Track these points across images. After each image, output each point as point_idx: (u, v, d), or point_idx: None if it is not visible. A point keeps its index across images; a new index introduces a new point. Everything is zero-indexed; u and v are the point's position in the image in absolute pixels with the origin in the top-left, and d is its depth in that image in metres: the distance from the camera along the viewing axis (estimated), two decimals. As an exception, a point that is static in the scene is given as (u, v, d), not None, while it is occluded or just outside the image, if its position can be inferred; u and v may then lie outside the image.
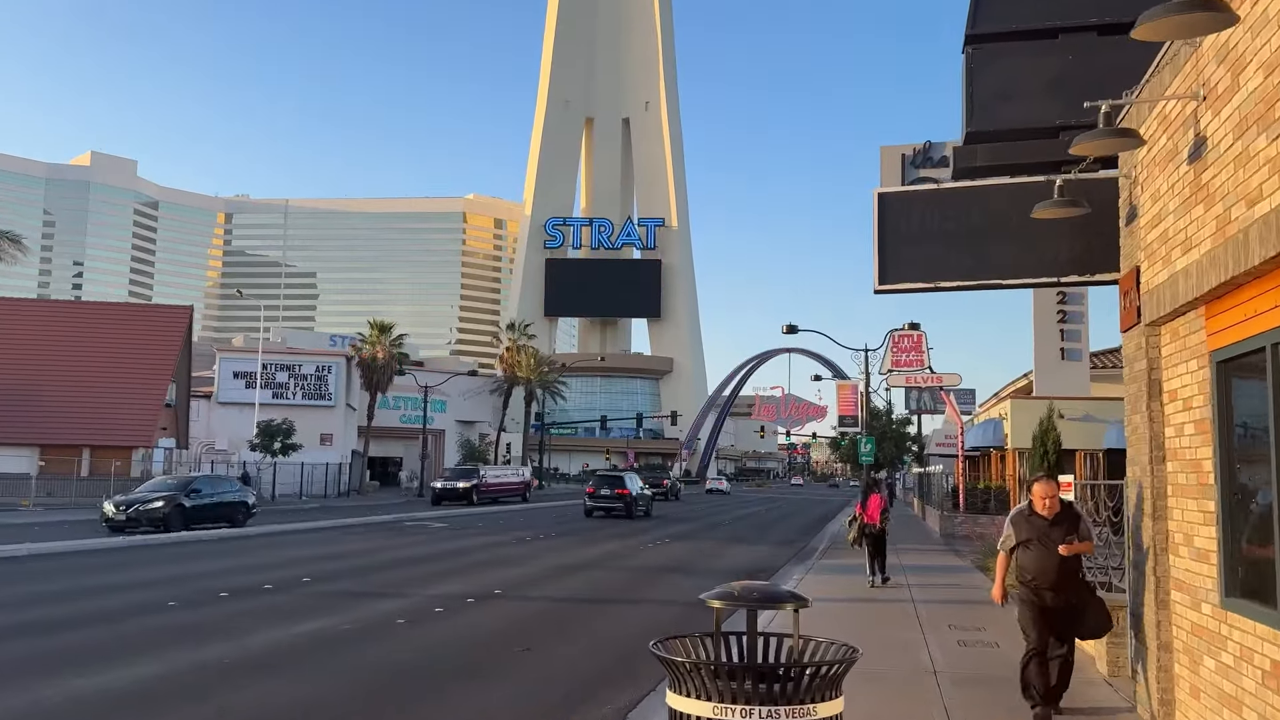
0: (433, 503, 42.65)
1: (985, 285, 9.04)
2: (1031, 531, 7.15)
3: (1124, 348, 7.58)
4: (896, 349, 34.44)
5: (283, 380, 55.88)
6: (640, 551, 22.41)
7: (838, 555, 21.81)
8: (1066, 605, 7.14)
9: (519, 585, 15.28)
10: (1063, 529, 7.09)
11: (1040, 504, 7.17)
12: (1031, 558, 7.17)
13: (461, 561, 18.97)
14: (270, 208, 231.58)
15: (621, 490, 36.88)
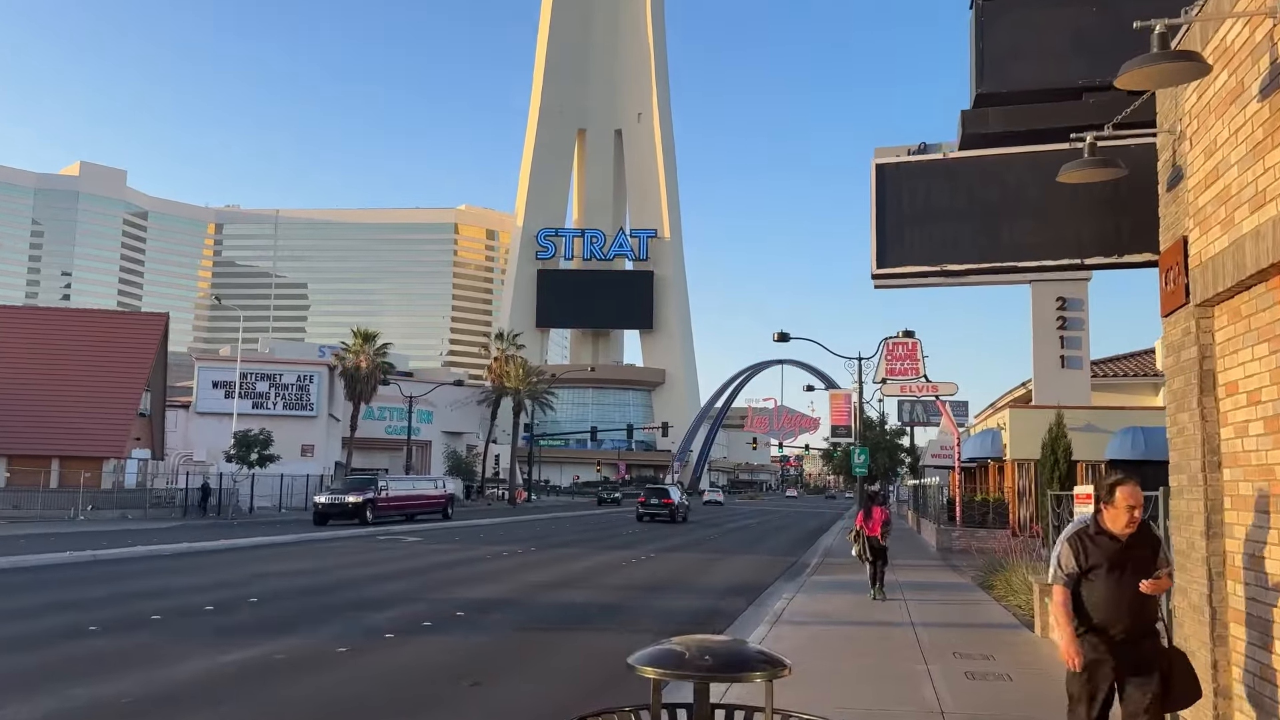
0: (315, 522, 36.16)
1: (998, 269, 7.93)
2: (1101, 557, 5.02)
3: (1166, 335, 6.47)
4: (891, 357, 33.37)
5: (263, 390, 54.60)
6: (624, 567, 21.21)
7: (831, 570, 20.65)
8: (1143, 661, 4.98)
9: (485, 606, 14.07)
10: (1143, 555, 5.02)
11: (1123, 518, 4.99)
12: (1100, 594, 4.98)
13: (429, 579, 17.76)
14: (261, 218, 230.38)
15: (667, 500, 45.09)
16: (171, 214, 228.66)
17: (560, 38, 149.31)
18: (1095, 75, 7.71)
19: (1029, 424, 29.41)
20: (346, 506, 36.06)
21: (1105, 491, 5.13)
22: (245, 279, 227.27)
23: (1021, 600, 13.90)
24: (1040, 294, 30.39)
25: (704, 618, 13.50)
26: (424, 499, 41.40)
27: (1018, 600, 14.18)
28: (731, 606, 14.70)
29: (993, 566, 17.50)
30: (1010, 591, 14.79)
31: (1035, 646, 10.63)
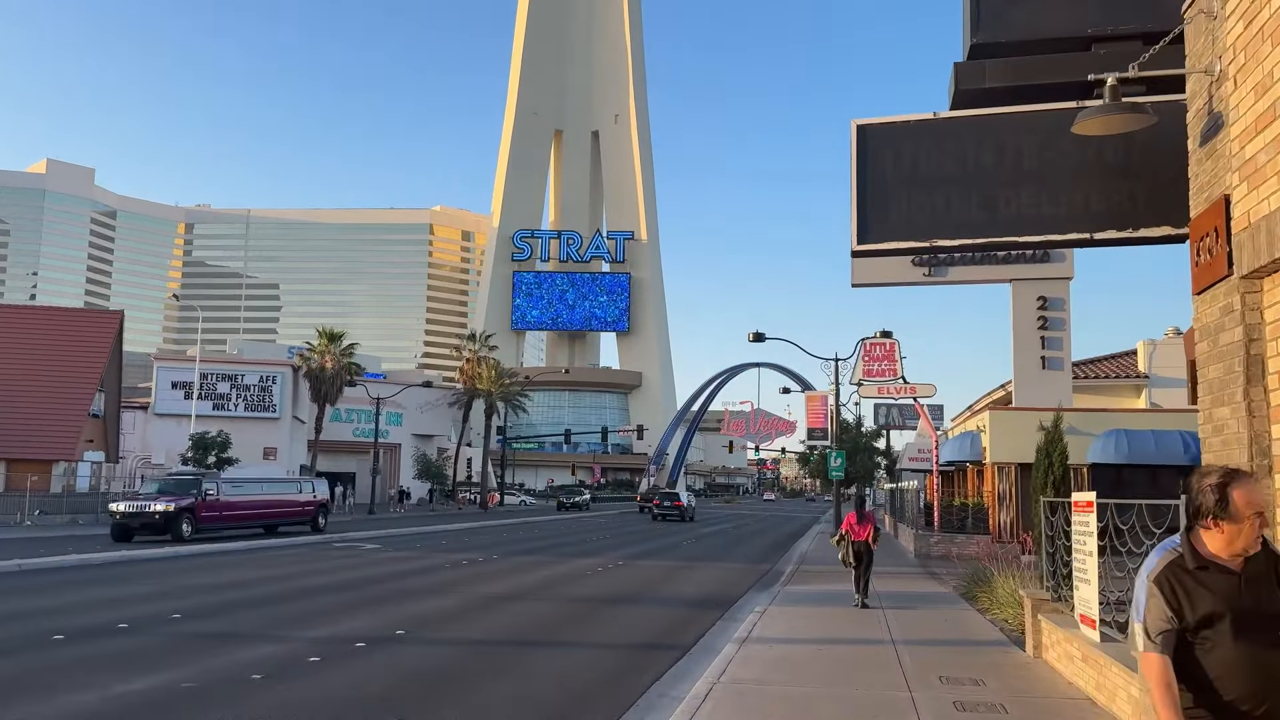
0: (114, 537, 27.38)
1: (995, 244, 6.94)
2: (1216, 602, 3.22)
3: (1200, 316, 5.49)
4: (868, 358, 32.51)
5: (224, 391, 53.01)
6: (588, 577, 20.12)
7: (807, 579, 19.66)
8: None
9: (430, 623, 12.95)
10: (1270, 588, 3.28)
11: (1245, 536, 3.23)
12: (1225, 659, 3.21)
13: (378, 590, 16.58)
14: (232, 218, 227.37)
15: (678, 503, 54.60)
16: (141, 213, 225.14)
17: (537, 39, 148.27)
18: (1107, 23, 6.75)
19: (1009, 426, 28.63)
20: (154, 517, 27.04)
21: (1209, 495, 3.25)
22: (216, 279, 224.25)
23: (1009, 614, 12.96)
24: (1021, 293, 29.65)
25: (667, 635, 12.45)
26: (277, 506, 31.90)
27: (1004, 614, 13.25)
28: (698, 622, 13.65)
29: (976, 576, 16.57)
30: (996, 604, 13.85)
31: (1028, 670, 9.65)
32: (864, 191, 7.02)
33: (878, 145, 7.06)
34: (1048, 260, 29.65)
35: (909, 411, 71.31)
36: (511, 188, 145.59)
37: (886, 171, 7.01)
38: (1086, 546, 8.54)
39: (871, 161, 7.04)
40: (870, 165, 7.03)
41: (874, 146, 7.06)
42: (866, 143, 7.05)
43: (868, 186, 7.02)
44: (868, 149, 7.05)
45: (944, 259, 30.23)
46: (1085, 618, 8.56)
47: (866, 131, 7.07)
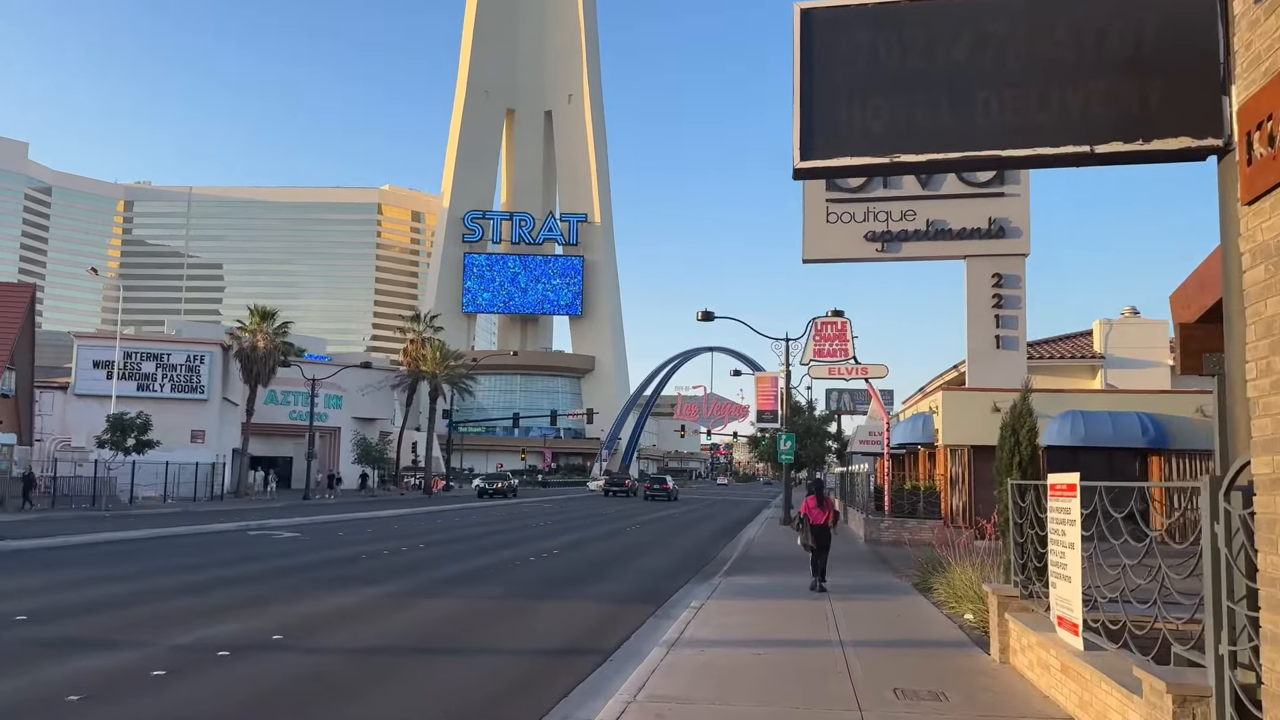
0: None
1: (972, 161, 5.53)
2: None
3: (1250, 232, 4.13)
4: (819, 337, 31.31)
5: (149, 371, 50.36)
6: (517, 567, 18.61)
7: (751, 568, 18.38)
8: None
9: (318, 625, 11.37)
10: None
11: None
12: None
13: (274, 586, 14.91)
14: (173, 195, 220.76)
15: (665, 486, 65.83)
16: (77, 189, 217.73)
17: (488, 16, 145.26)
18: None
19: (963, 407, 27.68)
20: None
21: None
22: (156, 258, 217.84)
23: (970, 609, 11.73)
24: (976, 270, 28.69)
25: (589, 637, 11.01)
26: None
27: (963, 609, 12.02)
28: (627, 620, 12.24)
29: (931, 565, 15.39)
30: (954, 597, 12.63)
31: (996, 680, 8.37)
32: (809, 94, 5.57)
33: (827, 36, 5.60)
34: (1003, 236, 28.70)
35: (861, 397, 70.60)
36: (462, 168, 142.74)
37: (837, 69, 5.56)
38: (1066, 537, 7.25)
39: (819, 56, 5.58)
40: (817, 61, 5.58)
41: (822, 37, 5.60)
42: (813, 32, 5.58)
43: (814, 87, 5.57)
44: (814, 40, 5.59)
45: (898, 234, 29.18)
46: (1065, 621, 7.27)
47: (813, 17, 5.61)
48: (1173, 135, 5.17)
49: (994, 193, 28.75)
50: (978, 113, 5.40)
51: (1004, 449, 10.01)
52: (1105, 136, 5.27)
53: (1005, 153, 5.41)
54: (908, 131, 5.46)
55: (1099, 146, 5.27)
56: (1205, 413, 26.33)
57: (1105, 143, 5.27)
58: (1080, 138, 5.31)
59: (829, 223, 29.69)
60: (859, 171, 5.72)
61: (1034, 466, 9.82)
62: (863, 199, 29.55)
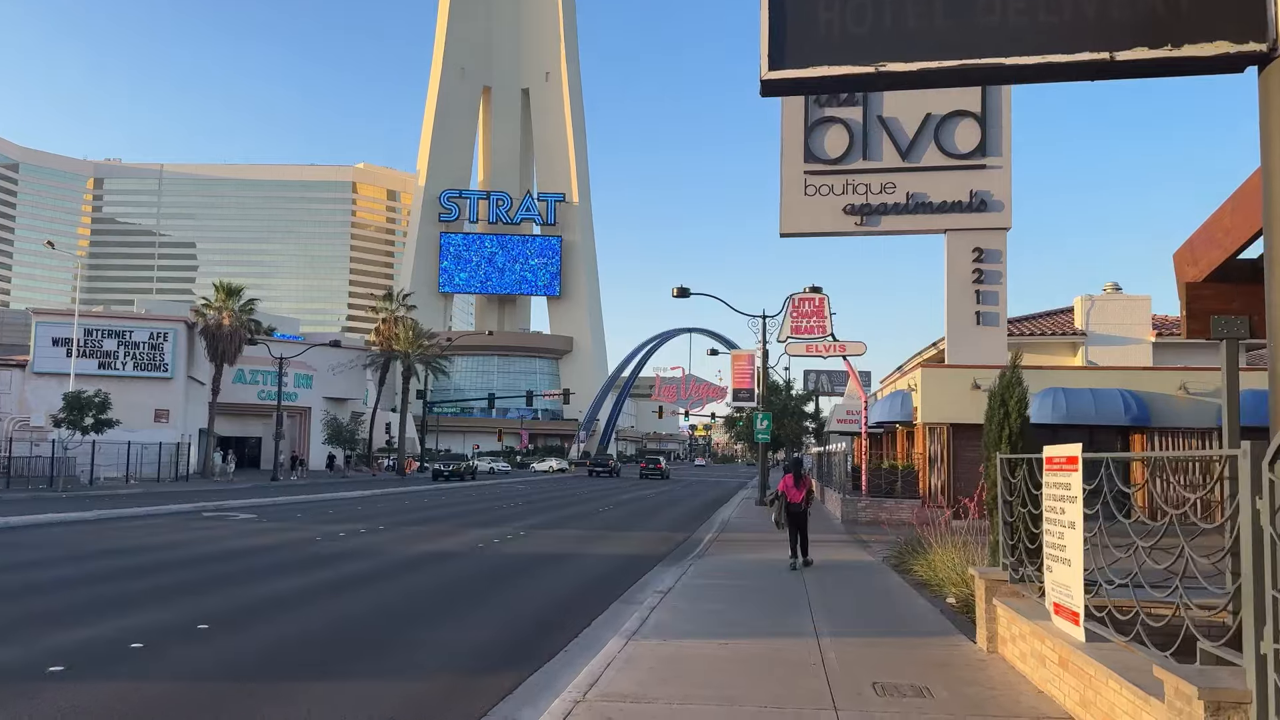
0: None
1: (970, 71, 4.69)
2: None
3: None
4: (796, 314, 30.54)
5: (110, 349, 48.93)
6: (479, 550, 17.78)
7: (725, 549, 17.65)
8: None
9: (248, 614, 10.47)
10: None
11: None
12: None
13: (216, 571, 14.00)
14: (144, 173, 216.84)
15: (659, 465, 72.70)
16: (46, 166, 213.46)
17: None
18: None
19: (942, 384, 27.07)
20: None
21: None
22: (127, 236, 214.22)
23: (953, 592, 11.02)
24: (956, 245, 28.01)
25: (543, 628, 10.20)
26: None
27: (946, 591, 11.31)
28: (588, 607, 11.44)
29: (910, 546, 14.72)
30: (936, 579, 11.93)
31: (984, 671, 7.62)
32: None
33: (799, -77, 4.72)
34: (985, 210, 28.01)
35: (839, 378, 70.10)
36: (438, 146, 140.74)
37: (812, -38, 4.69)
38: (1066, 515, 6.49)
39: (790, -54, 4.71)
40: (788, -48, 4.71)
41: (794, -74, 4.72)
42: (783, -82, 4.70)
43: (784, -15, 4.70)
44: (785, -73, 4.71)
45: (877, 207, 28.42)
46: (1063, 608, 6.52)
47: (783, -101, 4.73)
48: (1207, 40, 4.36)
49: (975, 165, 28.03)
50: (978, 12, 4.55)
51: (992, 421, 9.25)
52: (1127, 41, 4.44)
53: (1010, 60, 4.56)
54: (896, 35, 4.61)
55: (1120, 53, 4.44)
56: (1189, 390, 25.85)
57: (1127, 49, 4.44)
58: (1098, 43, 4.48)
59: (807, 195, 28.88)
60: (838, 84, 4.86)
61: (1025, 439, 9.07)
62: (841, 171, 28.75)
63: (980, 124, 28.00)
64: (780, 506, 14.86)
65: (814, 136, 28.97)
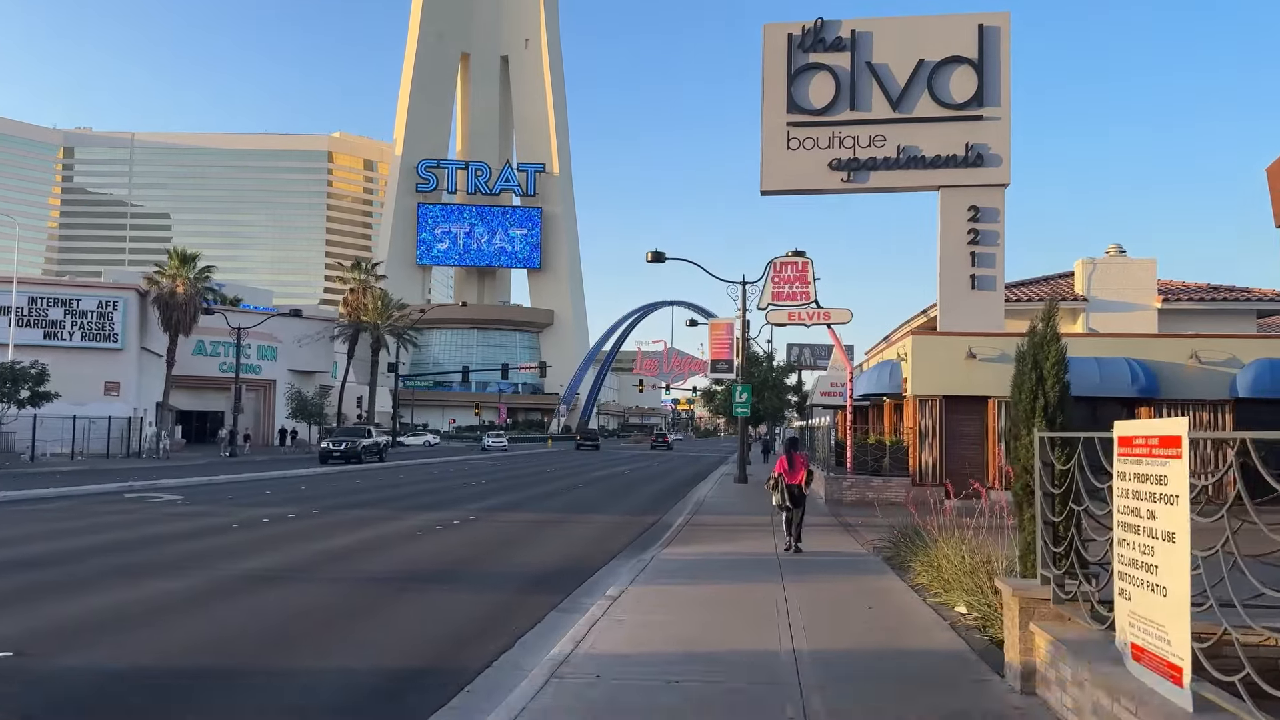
0: None
1: None
2: None
3: None
4: (778, 279, 28.36)
5: (57, 318, 46.31)
6: (417, 538, 15.69)
7: (695, 538, 15.62)
8: None
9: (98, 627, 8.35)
10: None
11: None
12: None
13: (97, 565, 11.86)
14: (115, 141, 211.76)
15: (666, 438, 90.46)
16: (13, 134, 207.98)
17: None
18: None
19: (934, 353, 25.03)
20: None
21: None
22: (98, 207, 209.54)
23: (963, 600, 9.00)
24: (950, 203, 25.93)
25: (460, 647, 8.11)
26: None
27: (954, 598, 9.29)
28: (521, 617, 9.37)
29: (906, 536, 12.73)
30: (940, 581, 9.90)
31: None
32: None
33: None
34: (981, 164, 25.91)
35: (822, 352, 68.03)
36: (416, 115, 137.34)
37: None
38: (1159, 523, 4.43)
39: None
40: None
41: None
42: None
43: None
44: None
45: (865, 161, 26.24)
46: (1150, 655, 4.48)
47: None
48: None
49: (972, 115, 25.90)
50: None
51: (1022, 389, 7.18)
52: None
53: None
54: None
55: None
56: (1200, 358, 23.96)
57: None
58: None
59: (790, 149, 26.68)
60: None
61: (1063, 412, 7.00)
62: (827, 122, 26.55)
63: (977, 71, 25.82)
64: (781, 489, 14.31)
65: (798, 84, 26.73)
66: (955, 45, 26.02)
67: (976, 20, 26.12)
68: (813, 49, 26.74)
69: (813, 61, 26.60)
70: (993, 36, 25.94)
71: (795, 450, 15.07)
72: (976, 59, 25.87)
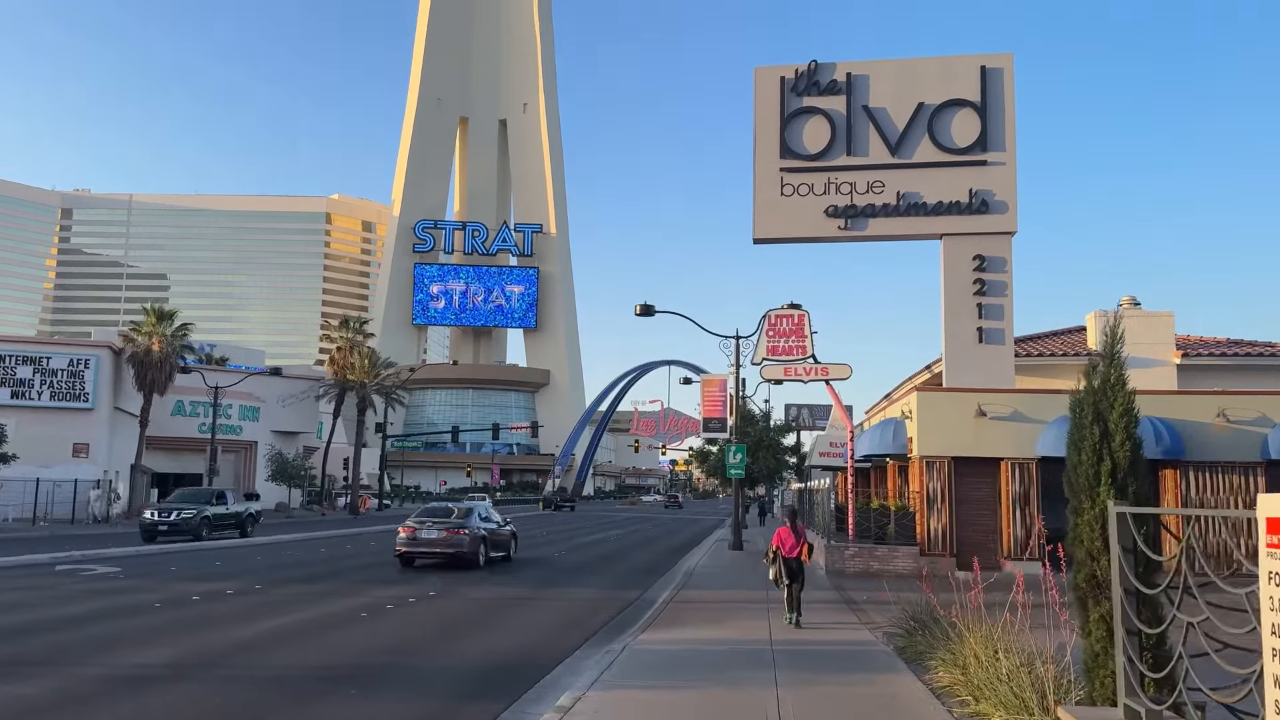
0: None
1: None
2: None
3: None
4: (773, 332, 26.67)
5: (25, 376, 44.59)
6: (360, 621, 13.77)
7: (679, 620, 13.70)
8: None
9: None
10: None
11: None
12: None
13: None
14: (113, 203, 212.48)
15: (676, 499, 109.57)
16: (13, 196, 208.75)
17: (441, 22, 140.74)
18: None
19: (941, 411, 23.29)
20: None
21: None
22: (94, 267, 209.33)
23: (999, 713, 7.14)
24: (954, 251, 24.47)
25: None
26: None
27: (987, 709, 7.43)
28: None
29: (920, 620, 10.88)
30: (969, 686, 8.04)
31: None
32: None
33: None
34: (986, 211, 24.49)
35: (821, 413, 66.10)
36: (414, 176, 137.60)
37: None
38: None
39: None
40: None
41: None
42: None
43: None
44: None
45: (864, 208, 24.82)
46: None
47: None
48: None
49: (975, 160, 24.58)
50: None
51: (1081, 448, 5.48)
52: None
53: None
54: None
55: None
56: (1228, 416, 22.24)
57: None
58: None
59: (784, 195, 25.29)
60: None
61: (1135, 478, 5.28)
62: (823, 168, 25.21)
63: (980, 114, 24.56)
64: (779, 564, 13.81)
65: (791, 129, 25.44)
66: (956, 88, 24.82)
67: (979, 61, 24.98)
68: (806, 92, 25.52)
69: (806, 105, 25.35)
70: (995, 79, 24.75)
71: (795, 520, 14.52)
72: (979, 102, 24.65)
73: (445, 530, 22.10)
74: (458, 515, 23.12)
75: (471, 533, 22.23)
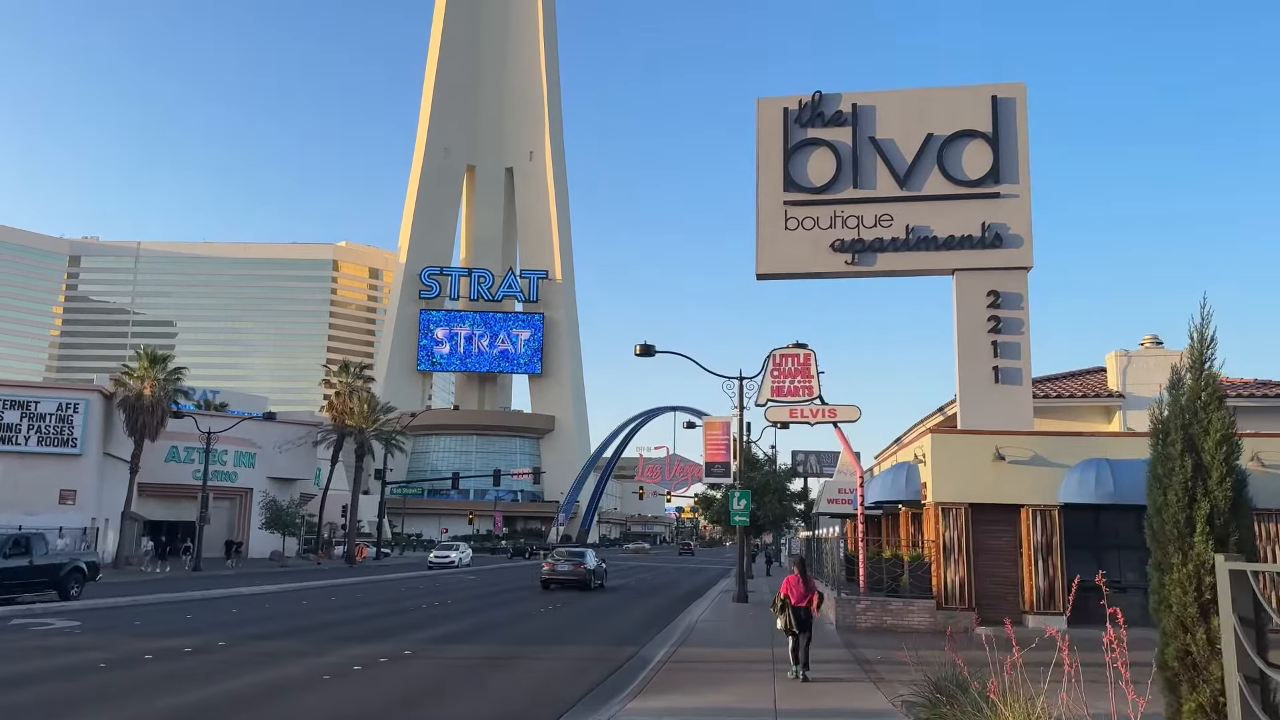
0: None
1: None
2: None
3: None
4: (778, 373, 25.51)
5: (12, 421, 43.52)
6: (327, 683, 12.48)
7: (674, 684, 12.37)
8: None
9: None
10: None
11: None
12: None
13: None
14: (121, 250, 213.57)
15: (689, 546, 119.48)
16: (20, 243, 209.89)
17: (449, 72, 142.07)
18: None
19: (957, 454, 21.98)
20: None
21: None
22: (103, 315, 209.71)
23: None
24: (967, 287, 23.37)
25: None
26: None
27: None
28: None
29: (944, 689, 9.56)
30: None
31: None
32: None
33: None
34: (1000, 245, 23.42)
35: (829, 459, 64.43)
36: (420, 224, 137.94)
37: None
38: None
39: None
40: None
41: None
42: None
43: None
44: None
45: (871, 243, 23.80)
46: None
47: None
48: None
49: (988, 193, 23.58)
50: None
51: (1169, 484, 4.30)
52: None
53: None
54: None
55: None
56: (1263, 461, 20.92)
57: None
58: None
59: (788, 229, 24.29)
60: None
61: (1240, 525, 4.08)
62: (829, 201, 24.23)
63: (992, 145, 23.62)
64: (788, 613, 13.43)
65: (795, 161, 24.52)
66: (967, 118, 23.93)
67: (990, 91, 24.10)
68: (811, 124, 24.66)
69: (811, 137, 24.47)
70: (1008, 109, 23.86)
71: (804, 569, 14.14)
72: (991, 133, 23.73)
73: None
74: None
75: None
